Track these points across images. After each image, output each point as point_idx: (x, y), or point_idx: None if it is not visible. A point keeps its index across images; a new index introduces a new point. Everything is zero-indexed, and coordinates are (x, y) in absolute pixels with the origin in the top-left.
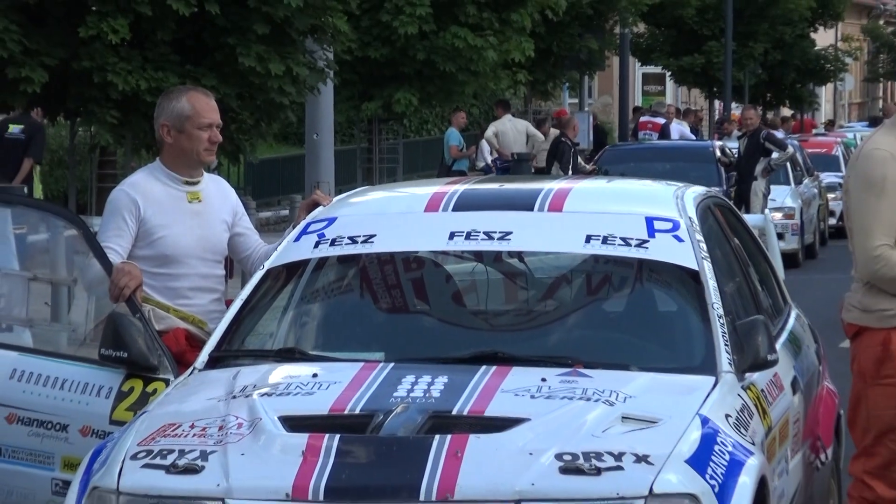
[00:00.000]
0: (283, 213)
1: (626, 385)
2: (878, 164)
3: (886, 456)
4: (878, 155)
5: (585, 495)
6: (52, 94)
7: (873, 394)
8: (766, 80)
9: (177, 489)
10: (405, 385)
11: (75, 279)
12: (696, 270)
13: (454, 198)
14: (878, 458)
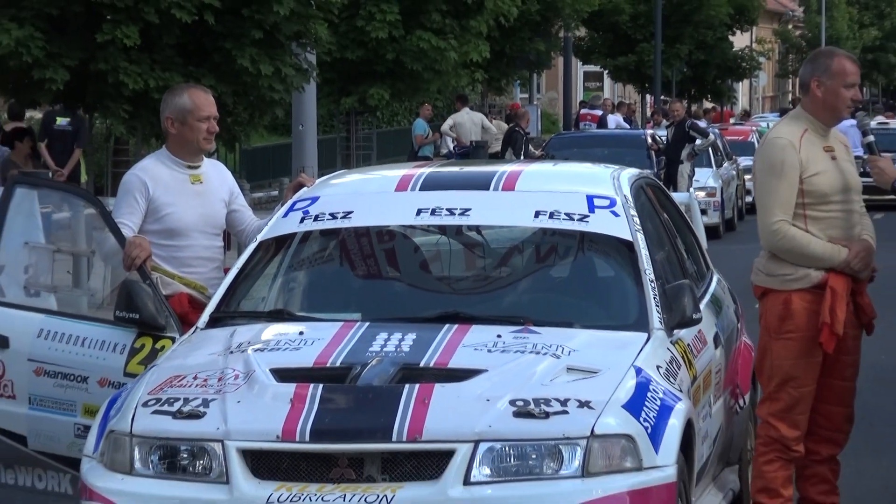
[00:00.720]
0: (273, 194)
1: (570, 340)
2: (779, 151)
3: (787, 401)
4: (779, 143)
5: (536, 436)
6: (72, 92)
7: (776, 347)
8: (691, 76)
9: (182, 432)
10: (379, 341)
11: (93, 251)
12: (630, 241)
13: (421, 179)
14: (780, 403)
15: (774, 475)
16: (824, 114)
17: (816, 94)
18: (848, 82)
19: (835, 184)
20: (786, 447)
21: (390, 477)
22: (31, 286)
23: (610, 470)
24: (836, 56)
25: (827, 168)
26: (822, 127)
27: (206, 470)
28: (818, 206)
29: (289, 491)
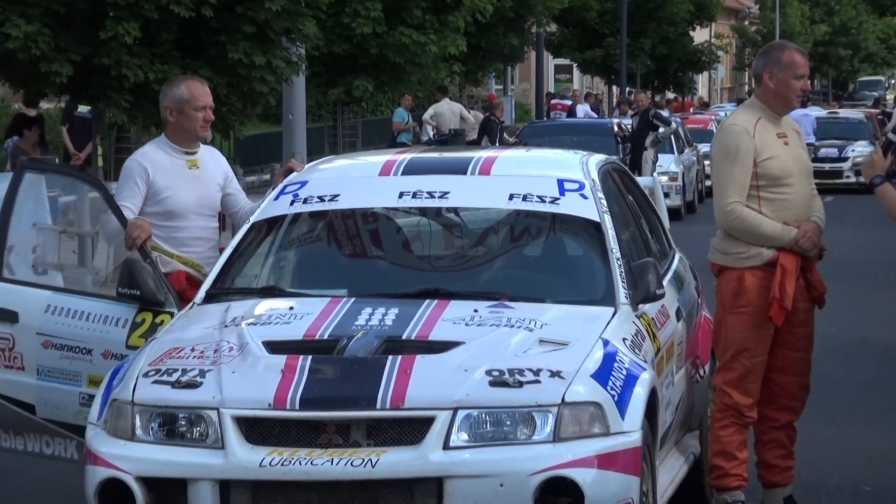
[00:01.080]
0: (265, 178)
1: (542, 314)
2: (734, 137)
3: (741, 370)
4: (735, 129)
5: (510, 404)
6: (77, 84)
7: (730, 320)
8: (654, 69)
9: (180, 400)
10: (364, 316)
11: (97, 232)
12: (598, 222)
13: (403, 164)
14: (734, 372)
15: (730, 439)
16: (776, 103)
17: (769, 85)
18: (798, 74)
19: (787, 167)
20: (740, 413)
21: (375, 442)
22: (38, 265)
23: (579, 435)
24: (786, 49)
25: (780, 153)
26: (774, 115)
27: (203, 436)
28: (771, 189)
29: (280, 455)
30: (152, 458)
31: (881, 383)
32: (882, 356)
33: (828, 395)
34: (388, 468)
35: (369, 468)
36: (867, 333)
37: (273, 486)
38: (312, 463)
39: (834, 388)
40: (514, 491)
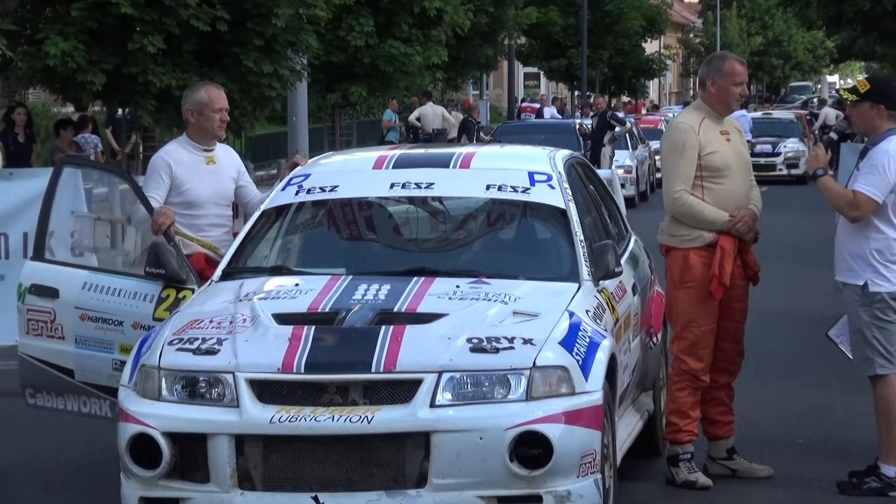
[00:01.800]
0: (273, 172)
1: (515, 290)
2: (681, 134)
3: (691, 339)
4: (682, 127)
5: (488, 367)
6: (109, 91)
7: (679, 295)
8: (611, 76)
9: (200, 365)
10: (360, 291)
11: (128, 219)
12: (563, 209)
13: (393, 159)
14: (686, 341)
15: (684, 400)
16: (718, 106)
17: (711, 91)
18: (736, 81)
19: (727, 161)
20: (694, 377)
21: (370, 401)
22: (76, 248)
23: (549, 395)
24: (727, 59)
25: (721, 148)
26: (717, 116)
27: (220, 396)
28: (713, 179)
29: (287, 413)
30: (176, 416)
31: (811, 349)
32: (811, 325)
33: (766, 359)
34: (382, 424)
35: (365, 424)
36: (799, 305)
37: (281, 439)
38: (316, 419)
39: (770, 353)
40: (492, 443)
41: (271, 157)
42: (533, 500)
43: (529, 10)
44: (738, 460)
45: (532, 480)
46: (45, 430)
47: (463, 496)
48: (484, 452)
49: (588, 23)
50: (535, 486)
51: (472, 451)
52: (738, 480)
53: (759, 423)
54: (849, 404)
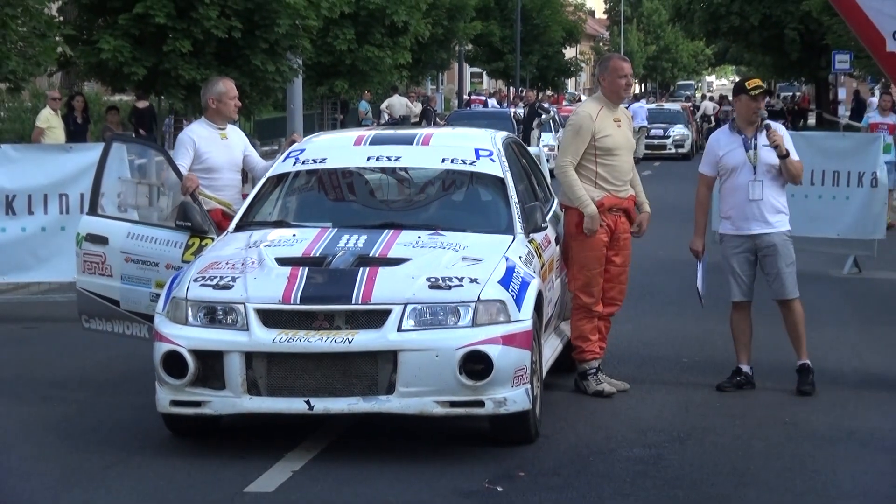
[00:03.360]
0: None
1: (464, 240)
2: (580, 118)
3: (584, 280)
4: (582, 113)
5: (443, 300)
6: (148, 82)
7: (574, 244)
8: (539, 75)
9: (218, 297)
10: (343, 241)
11: (162, 183)
12: (502, 177)
13: (370, 138)
14: (580, 281)
15: (584, 327)
16: (611, 96)
17: (604, 85)
18: (620, 75)
19: (617, 143)
20: (588, 309)
21: (351, 326)
22: (122, 205)
23: (490, 322)
24: (612, 58)
25: (613, 133)
26: (611, 105)
27: (234, 322)
28: (605, 157)
29: (286, 335)
30: (199, 337)
31: (693, 289)
32: (694, 271)
33: (658, 297)
34: (360, 344)
35: (347, 344)
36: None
37: (281, 356)
38: (308, 340)
39: (661, 292)
40: (445, 360)
41: (274, 136)
42: (477, 405)
43: (475, 23)
44: (602, 376)
45: (476, 389)
46: (96, 347)
47: (423, 401)
48: (439, 367)
49: (520, 33)
50: (479, 393)
51: (430, 366)
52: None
53: (653, 347)
54: (723, 332)
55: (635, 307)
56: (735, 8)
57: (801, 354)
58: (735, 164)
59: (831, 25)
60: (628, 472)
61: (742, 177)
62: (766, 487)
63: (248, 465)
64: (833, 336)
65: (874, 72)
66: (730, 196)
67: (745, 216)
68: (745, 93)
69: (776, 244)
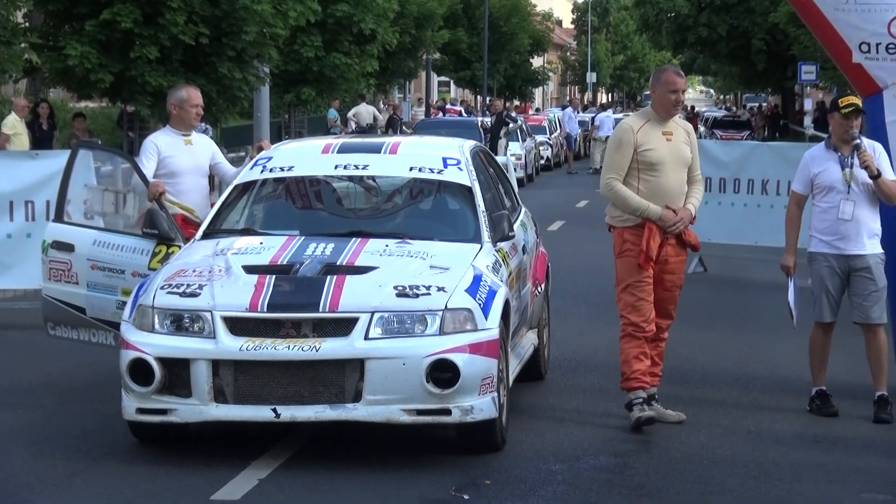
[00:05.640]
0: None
1: (432, 249)
2: (620, 132)
3: (629, 300)
4: (623, 126)
5: (410, 309)
6: (115, 89)
7: (619, 262)
8: (506, 84)
9: (185, 305)
10: (311, 249)
11: (129, 190)
12: (469, 186)
13: (337, 146)
14: (624, 301)
15: (629, 350)
16: (659, 110)
17: (654, 97)
18: (671, 89)
19: (661, 157)
20: (636, 327)
21: (318, 334)
22: (88, 212)
23: (457, 330)
24: (666, 71)
25: (659, 146)
26: (659, 118)
27: (201, 330)
28: (648, 172)
29: (253, 343)
30: (166, 345)
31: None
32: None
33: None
34: (327, 352)
35: (314, 352)
36: None
37: (248, 364)
38: (275, 348)
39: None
40: (413, 368)
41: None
42: (444, 413)
43: (443, 32)
44: (656, 406)
45: (443, 397)
46: (62, 354)
47: (390, 409)
48: (406, 375)
49: (488, 42)
50: (446, 401)
51: (397, 374)
52: (598, 398)
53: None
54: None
55: (602, 316)
56: (703, 19)
57: (879, 384)
58: (830, 182)
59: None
60: (594, 480)
61: (836, 196)
62: (731, 495)
63: (215, 472)
64: (797, 345)
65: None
66: (824, 214)
67: (840, 235)
68: (837, 110)
69: (870, 266)
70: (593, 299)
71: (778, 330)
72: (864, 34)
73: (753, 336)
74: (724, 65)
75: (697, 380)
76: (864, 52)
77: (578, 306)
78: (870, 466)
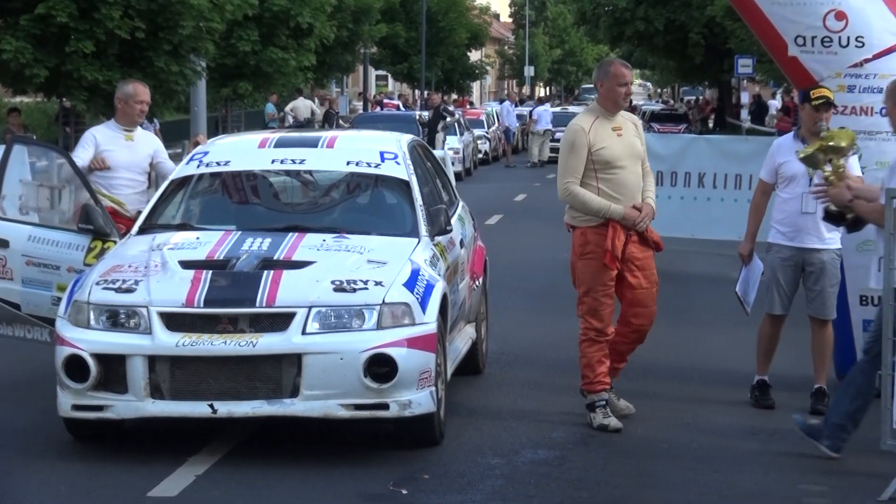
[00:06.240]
0: (178, 150)
1: (369, 243)
2: (572, 134)
3: (591, 304)
4: (574, 128)
5: (348, 303)
6: (50, 84)
7: (580, 265)
8: (444, 78)
9: (121, 301)
10: (248, 243)
11: (63, 185)
12: (407, 180)
13: (274, 140)
14: (586, 305)
15: (592, 354)
16: (608, 105)
17: (601, 92)
18: (621, 82)
19: (616, 154)
20: (598, 332)
21: (255, 330)
22: (23, 208)
23: (395, 325)
24: (613, 64)
25: (611, 143)
26: (607, 114)
27: (137, 325)
28: (606, 171)
29: (189, 338)
30: (102, 341)
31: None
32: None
33: (563, 299)
34: (264, 347)
35: (251, 347)
36: None
37: (185, 359)
38: (212, 344)
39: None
40: (350, 363)
41: (177, 139)
42: (382, 408)
43: (380, 26)
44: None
45: (381, 392)
46: None
47: (327, 404)
48: (344, 370)
49: (426, 36)
50: (384, 396)
51: (335, 369)
52: (535, 392)
53: (559, 348)
54: None
55: (540, 309)
56: (640, 13)
57: (820, 377)
58: (793, 173)
59: (734, 30)
60: (533, 473)
61: (798, 188)
62: (669, 488)
63: (151, 469)
64: (735, 337)
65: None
66: (784, 205)
67: (798, 228)
68: (808, 102)
69: (826, 261)
70: (531, 293)
71: (716, 322)
72: (799, 27)
73: (691, 328)
74: (661, 58)
75: (636, 372)
76: (799, 45)
77: (516, 300)
78: (806, 457)
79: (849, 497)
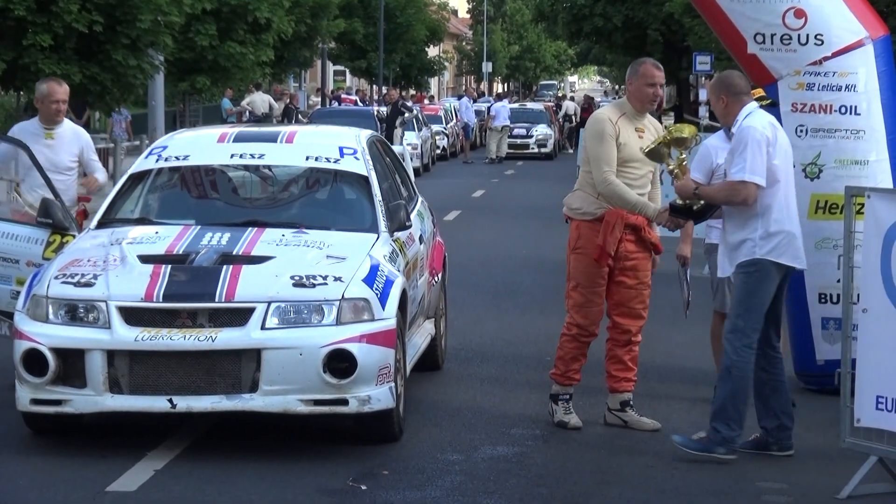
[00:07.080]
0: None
1: (328, 238)
2: (599, 123)
3: (578, 299)
4: (600, 117)
5: (307, 298)
6: (7, 77)
7: (572, 258)
8: (402, 74)
9: (80, 295)
10: (207, 238)
11: (22, 179)
12: (366, 175)
13: (233, 135)
14: (573, 299)
15: (569, 348)
16: (635, 103)
17: (630, 90)
18: (649, 82)
19: (633, 154)
20: (580, 329)
21: (214, 324)
22: None
23: (354, 320)
24: (644, 63)
25: (631, 142)
26: (634, 113)
27: (95, 320)
28: (621, 168)
29: (149, 333)
30: (60, 335)
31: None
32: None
33: (521, 296)
34: (223, 342)
35: (210, 342)
36: (550, 254)
37: (144, 354)
38: (171, 338)
39: (525, 290)
40: (310, 358)
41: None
42: (341, 403)
43: (338, 22)
44: (630, 413)
45: (341, 387)
46: None
47: (287, 399)
48: (303, 365)
49: (384, 31)
50: (343, 391)
51: (294, 365)
52: (494, 388)
53: (517, 344)
54: None
55: (499, 305)
56: (598, 9)
57: None
58: None
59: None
60: (492, 469)
61: None
62: (628, 484)
63: (110, 464)
64: (695, 335)
65: None
66: None
67: None
68: None
69: None
70: (490, 289)
71: (673, 320)
72: (758, 25)
73: (648, 326)
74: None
75: (594, 370)
76: (758, 42)
77: (475, 296)
78: (766, 455)
79: (808, 494)
